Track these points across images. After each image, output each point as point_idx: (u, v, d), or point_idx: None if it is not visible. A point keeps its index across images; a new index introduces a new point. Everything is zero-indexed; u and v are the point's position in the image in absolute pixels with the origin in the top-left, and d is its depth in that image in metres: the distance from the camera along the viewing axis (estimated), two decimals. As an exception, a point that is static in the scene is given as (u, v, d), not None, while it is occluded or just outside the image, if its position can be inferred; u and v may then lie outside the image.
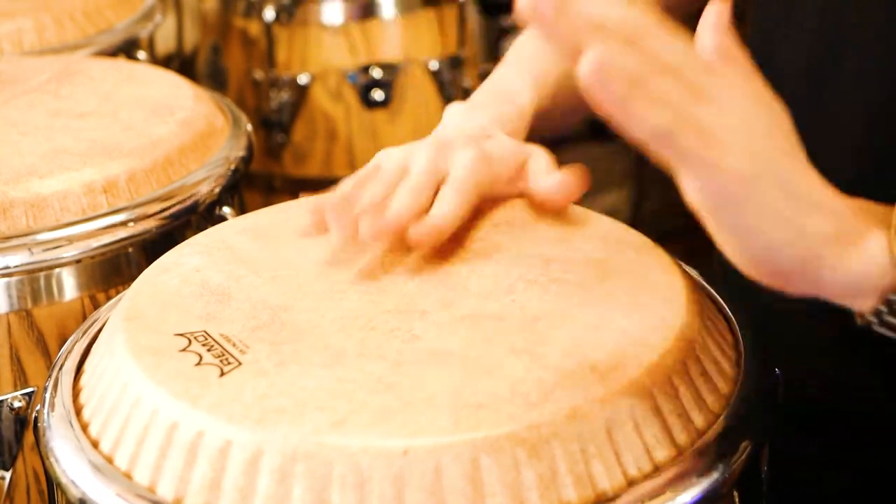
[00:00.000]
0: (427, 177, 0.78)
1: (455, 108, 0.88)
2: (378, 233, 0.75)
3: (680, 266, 0.76)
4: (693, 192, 0.62)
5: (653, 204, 2.12)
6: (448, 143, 0.81)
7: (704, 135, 0.60)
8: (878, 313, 0.62)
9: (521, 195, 0.83)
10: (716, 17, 0.64)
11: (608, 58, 0.59)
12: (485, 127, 0.85)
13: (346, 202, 0.78)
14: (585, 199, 0.82)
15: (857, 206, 0.64)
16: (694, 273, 0.79)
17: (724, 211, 0.61)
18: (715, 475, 0.63)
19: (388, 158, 0.82)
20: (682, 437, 0.65)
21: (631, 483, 0.62)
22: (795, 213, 0.61)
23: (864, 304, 0.63)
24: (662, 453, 0.64)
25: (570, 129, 1.04)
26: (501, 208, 0.84)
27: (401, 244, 0.76)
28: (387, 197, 0.78)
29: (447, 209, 0.77)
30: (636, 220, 1.92)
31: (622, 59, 0.59)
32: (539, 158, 0.83)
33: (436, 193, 0.78)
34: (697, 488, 0.62)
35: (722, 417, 0.66)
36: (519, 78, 0.91)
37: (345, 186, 0.80)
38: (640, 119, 0.59)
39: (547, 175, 0.81)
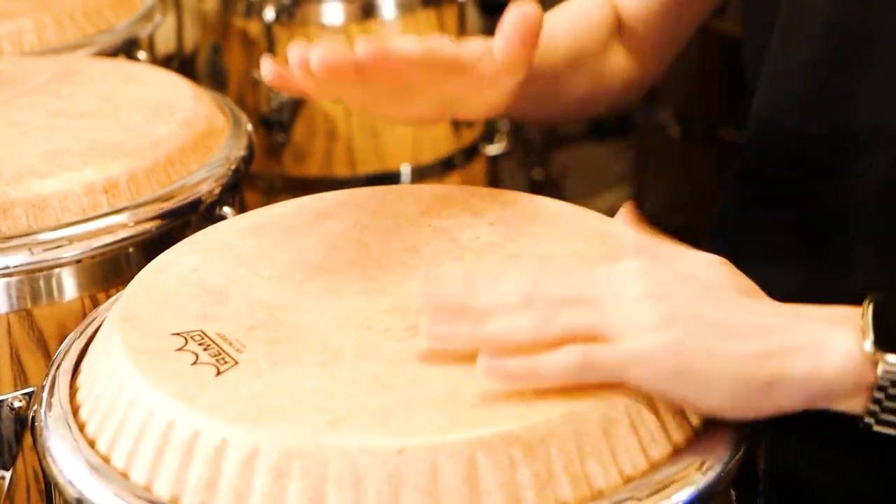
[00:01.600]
0: None
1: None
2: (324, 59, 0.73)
3: (677, 265, 0.76)
4: (642, 382, 0.63)
5: (653, 204, 2.12)
6: None
7: (614, 342, 0.62)
8: (871, 413, 0.62)
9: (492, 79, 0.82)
10: (625, 218, 0.70)
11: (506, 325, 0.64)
12: None
13: None
14: (585, 199, 0.82)
15: (819, 312, 0.64)
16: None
17: (670, 384, 0.62)
18: (711, 473, 0.63)
19: None
20: (677, 435, 0.65)
21: (627, 481, 0.62)
22: (736, 345, 0.62)
23: (854, 406, 0.62)
24: (658, 451, 0.64)
25: (568, 119, 1.04)
26: (499, 208, 0.84)
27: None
28: None
29: (399, 41, 0.76)
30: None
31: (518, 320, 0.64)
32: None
33: None
34: (693, 486, 0.62)
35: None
36: None
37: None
38: (554, 371, 0.62)
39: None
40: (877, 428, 0.62)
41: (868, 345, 0.61)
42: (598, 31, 1.00)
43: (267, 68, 0.75)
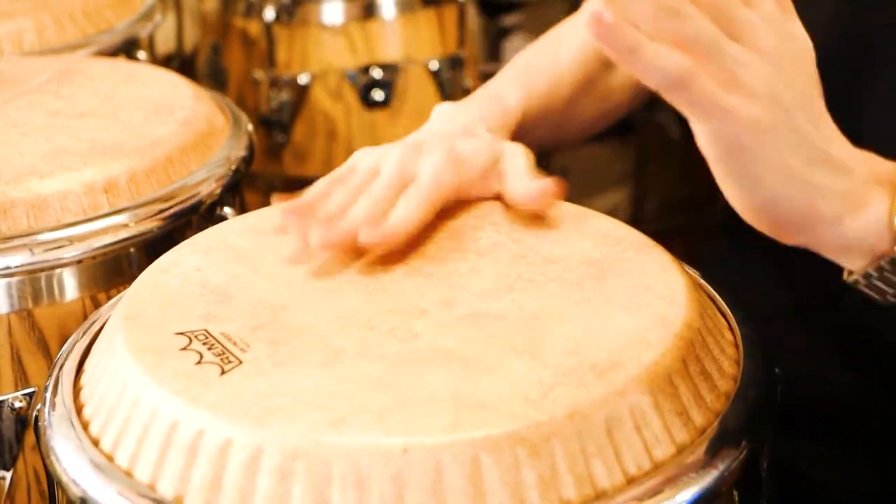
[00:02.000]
0: (391, 181, 0.79)
1: (442, 106, 0.89)
2: (327, 243, 0.75)
3: (680, 265, 0.76)
4: (703, 138, 0.61)
5: (653, 203, 2.12)
6: (421, 144, 0.82)
7: (728, 79, 0.60)
8: (867, 276, 0.62)
9: (497, 196, 0.83)
10: None
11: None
12: (467, 123, 0.85)
13: (309, 207, 0.78)
14: (585, 199, 0.82)
15: (873, 163, 0.63)
16: (694, 272, 0.79)
17: (732, 159, 0.61)
18: (714, 474, 0.63)
19: (361, 160, 0.83)
20: (681, 436, 0.65)
21: (631, 482, 0.62)
22: (804, 168, 0.61)
23: (855, 264, 0.63)
24: (662, 452, 0.64)
25: (583, 139, 1.05)
26: (502, 208, 0.84)
27: (355, 250, 0.77)
28: (351, 202, 0.78)
29: (403, 214, 0.77)
30: (636, 220, 1.92)
31: None
32: (515, 158, 0.83)
33: None
34: (697, 487, 0.62)
35: (721, 416, 0.66)
36: (508, 82, 0.93)
37: (315, 188, 0.81)
38: (654, 66, 0.59)
39: (523, 179, 0.81)
40: (862, 288, 0.63)
41: (894, 218, 0.61)
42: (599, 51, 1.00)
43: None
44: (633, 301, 0.71)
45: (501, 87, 0.92)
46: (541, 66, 0.96)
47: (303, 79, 1.72)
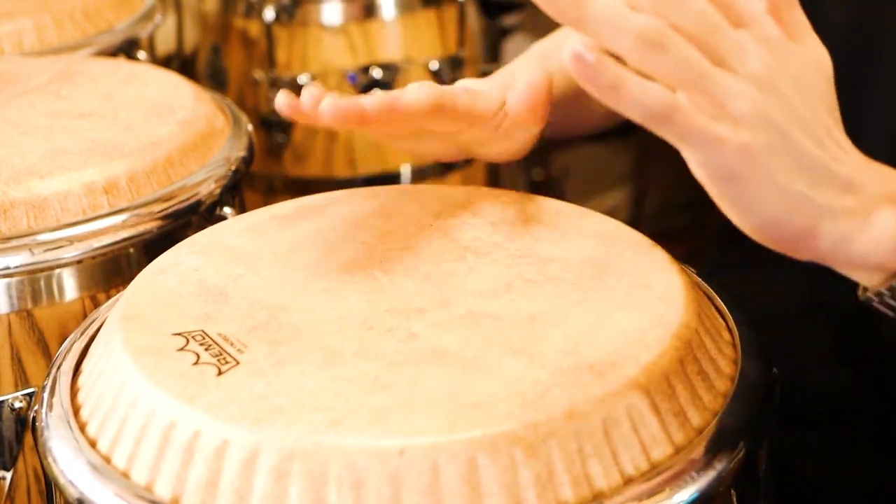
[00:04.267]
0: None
1: (459, 81, 0.89)
2: (336, 110, 0.73)
3: (678, 265, 0.76)
4: (694, 166, 0.61)
5: (653, 204, 2.12)
6: None
7: (715, 108, 0.59)
8: (879, 294, 0.62)
9: (504, 130, 0.82)
10: None
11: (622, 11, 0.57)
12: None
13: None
14: (585, 199, 0.82)
15: (887, 179, 0.62)
16: (692, 272, 0.79)
17: (725, 184, 0.60)
18: (712, 474, 0.63)
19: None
20: (679, 437, 0.65)
21: (628, 482, 0.62)
22: (805, 189, 0.60)
23: (867, 280, 0.62)
24: (660, 452, 0.64)
25: (596, 128, 1.04)
26: (500, 208, 0.84)
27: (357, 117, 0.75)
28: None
29: (411, 92, 0.75)
30: (636, 220, 1.92)
31: (634, 19, 0.58)
32: (523, 75, 0.82)
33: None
34: (694, 487, 0.62)
35: (719, 416, 0.66)
36: (524, 65, 0.93)
37: None
38: (637, 102, 0.58)
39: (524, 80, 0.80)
40: (875, 305, 0.62)
41: None
42: None
43: (282, 100, 0.75)
44: (631, 301, 0.71)
45: (516, 68, 0.92)
46: (556, 52, 0.96)
47: (303, 79, 1.72)
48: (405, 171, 1.74)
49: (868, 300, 0.62)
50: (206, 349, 0.69)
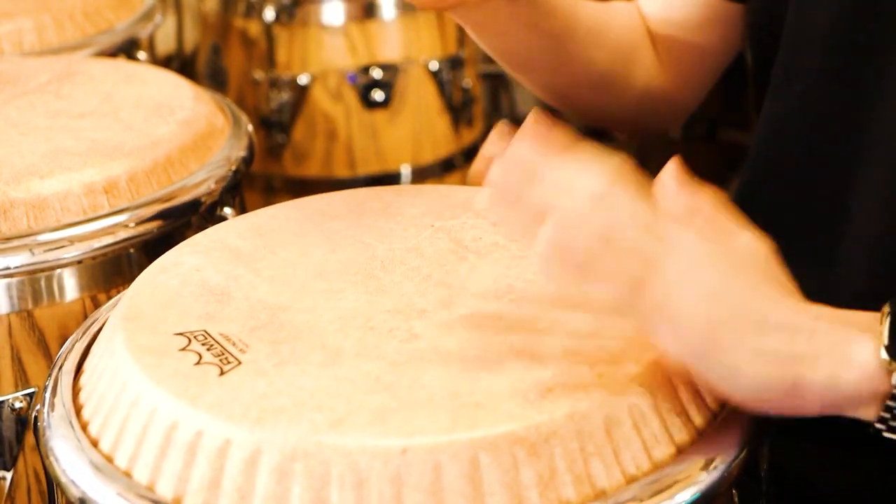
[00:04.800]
0: None
1: None
2: None
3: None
4: (665, 346, 0.63)
5: (653, 203, 2.11)
6: None
7: (659, 302, 0.62)
8: (882, 420, 0.62)
9: None
10: (673, 174, 0.66)
11: (568, 225, 0.62)
12: None
13: None
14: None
15: (840, 316, 0.63)
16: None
17: (699, 359, 0.62)
18: (714, 474, 0.63)
19: None
20: (680, 436, 0.65)
21: (630, 481, 0.62)
22: (767, 342, 0.61)
23: (867, 413, 0.62)
24: (661, 452, 0.64)
25: (584, 95, 1.04)
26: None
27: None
28: None
29: None
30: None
31: (583, 224, 0.62)
32: None
33: None
34: (696, 487, 0.62)
35: (721, 416, 0.66)
36: None
37: None
38: (601, 287, 0.63)
39: None
40: (887, 434, 0.62)
41: (884, 353, 0.60)
42: (625, 20, 1.00)
43: None
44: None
45: None
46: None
47: (303, 79, 1.72)
48: (405, 171, 1.75)
49: (878, 433, 0.63)
50: (209, 349, 0.69)
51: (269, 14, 1.69)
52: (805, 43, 0.85)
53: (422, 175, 1.75)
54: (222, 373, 0.66)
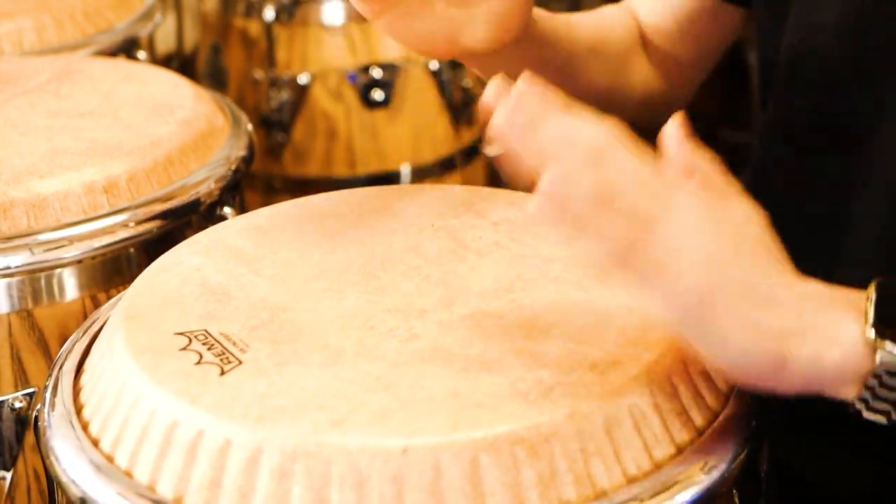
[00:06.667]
0: None
1: None
2: None
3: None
4: (656, 310, 0.63)
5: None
6: None
7: (655, 263, 0.61)
8: (863, 400, 0.62)
9: None
10: (675, 131, 0.66)
11: (566, 177, 0.61)
12: None
13: None
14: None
15: (829, 294, 0.63)
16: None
17: (688, 324, 0.62)
18: (714, 474, 0.63)
19: None
20: (681, 436, 0.65)
21: (631, 482, 0.62)
22: (758, 315, 0.61)
23: (848, 392, 0.62)
24: (662, 452, 0.64)
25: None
26: (502, 208, 0.84)
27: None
28: None
29: None
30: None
31: (580, 178, 0.62)
32: None
33: None
34: (697, 487, 0.62)
35: (721, 416, 0.66)
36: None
37: None
38: (594, 243, 0.62)
39: None
40: (867, 415, 0.62)
41: (870, 331, 0.60)
42: (620, 31, 1.01)
43: None
44: (633, 301, 0.71)
45: None
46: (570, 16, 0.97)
47: (303, 79, 1.72)
48: (405, 170, 1.75)
49: (859, 412, 0.63)
50: (209, 349, 0.69)
51: (269, 13, 1.69)
52: (809, 43, 0.85)
53: (422, 174, 1.75)
54: (223, 372, 0.66)
